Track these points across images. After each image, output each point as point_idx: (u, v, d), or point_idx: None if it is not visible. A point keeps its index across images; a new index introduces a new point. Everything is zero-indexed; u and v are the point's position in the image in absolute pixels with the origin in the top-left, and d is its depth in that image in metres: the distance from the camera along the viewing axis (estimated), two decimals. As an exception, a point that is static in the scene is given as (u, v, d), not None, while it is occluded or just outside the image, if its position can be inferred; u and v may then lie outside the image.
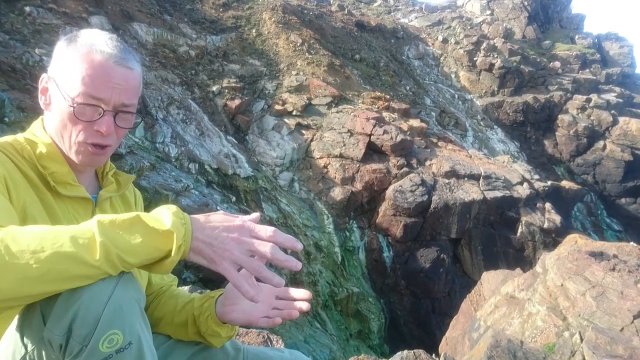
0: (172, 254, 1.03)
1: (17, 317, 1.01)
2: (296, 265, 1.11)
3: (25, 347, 0.97)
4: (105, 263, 0.96)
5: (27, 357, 0.97)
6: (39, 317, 0.96)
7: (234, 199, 13.03)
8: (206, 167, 13.26)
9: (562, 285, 5.25)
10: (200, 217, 1.12)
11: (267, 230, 1.12)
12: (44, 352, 0.95)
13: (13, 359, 0.98)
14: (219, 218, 1.13)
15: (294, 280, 12.80)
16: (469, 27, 30.05)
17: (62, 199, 1.32)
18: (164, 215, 1.06)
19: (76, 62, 1.28)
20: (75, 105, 1.26)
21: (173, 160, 12.55)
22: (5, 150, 1.26)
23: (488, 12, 31.69)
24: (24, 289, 0.91)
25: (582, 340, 4.14)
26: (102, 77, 1.27)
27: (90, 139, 1.30)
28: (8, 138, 1.32)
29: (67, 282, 0.94)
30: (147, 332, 1.03)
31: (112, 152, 1.40)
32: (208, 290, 1.76)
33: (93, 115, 1.28)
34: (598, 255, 5.59)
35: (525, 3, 30.84)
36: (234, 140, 15.22)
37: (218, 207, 11.53)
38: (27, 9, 12.53)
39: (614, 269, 5.20)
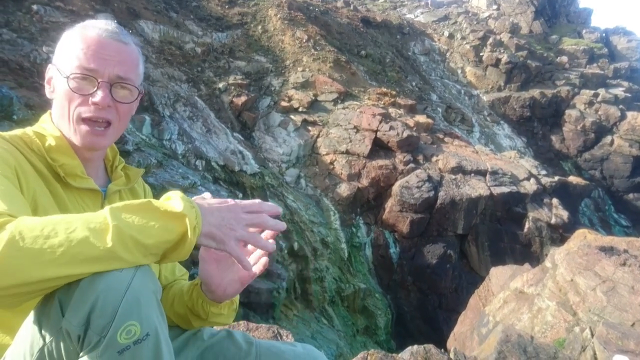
0: (189, 235, 1.04)
1: (35, 308, 1.02)
2: (282, 225, 1.22)
3: (44, 338, 0.98)
4: (119, 246, 0.97)
5: (45, 349, 0.97)
6: (57, 308, 0.96)
7: (240, 195, 13.04)
8: (213, 164, 13.29)
9: (572, 280, 5.22)
10: (200, 200, 1.16)
11: (254, 204, 1.21)
12: (62, 344, 0.96)
13: (31, 351, 0.98)
14: (215, 201, 1.18)
15: (301, 275, 12.82)
16: (475, 23, 29.88)
17: (71, 191, 1.33)
18: (174, 200, 1.09)
19: (72, 41, 1.33)
20: (70, 78, 1.29)
21: (180, 157, 12.58)
22: (14, 143, 1.28)
23: (494, 7, 31.49)
24: (39, 273, 0.92)
25: (592, 335, 4.11)
26: (94, 48, 1.30)
27: (87, 113, 1.31)
28: (17, 131, 1.34)
29: (81, 266, 0.95)
30: (163, 323, 1.04)
31: (116, 134, 1.39)
32: None
33: (88, 88, 1.30)
34: (608, 250, 5.55)
35: (532, -3, 30.62)
36: (240, 137, 15.23)
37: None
38: (35, 7, 12.58)
39: (624, 264, 5.16)
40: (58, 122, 1.36)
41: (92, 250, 0.95)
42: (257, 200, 1.23)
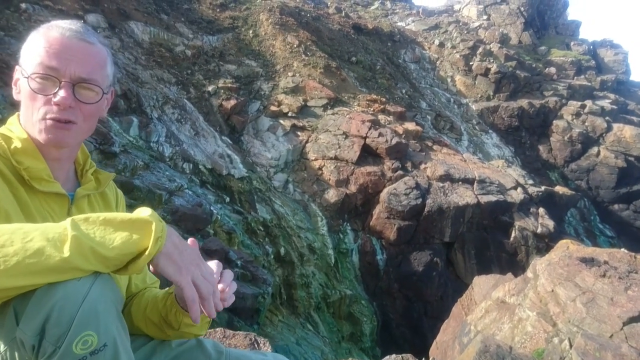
0: (149, 246, 1.02)
1: None
2: (212, 312, 1.17)
3: None
4: (78, 257, 0.95)
5: (0, 358, 0.95)
6: (12, 317, 0.94)
7: (227, 199, 13.00)
8: (200, 167, 13.23)
9: (552, 290, 5.24)
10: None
11: (212, 262, 1.24)
12: (16, 353, 0.94)
13: None
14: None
15: (287, 281, 12.79)
16: (465, 32, 30.13)
17: (36, 195, 1.30)
18: (142, 210, 1.08)
19: (35, 41, 1.29)
20: (31, 78, 1.26)
21: (167, 159, 12.51)
22: None
23: (485, 17, 31.79)
24: None
25: (571, 346, 4.12)
26: (56, 48, 1.27)
27: (49, 114, 1.27)
28: None
29: (37, 277, 0.93)
30: (123, 334, 1.02)
31: (81, 135, 1.36)
32: None
33: (51, 88, 1.27)
34: (589, 261, 5.59)
35: (522, 9, 30.96)
36: (228, 140, 15.19)
37: (211, 207, 11.50)
38: (23, 5, 12.48)
39: (604, 275, 5.19)
40: (25, 124, 1.33)
41: (48, 261, 0.93)
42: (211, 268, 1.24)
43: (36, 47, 1.28)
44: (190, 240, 1.27)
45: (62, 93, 1.26)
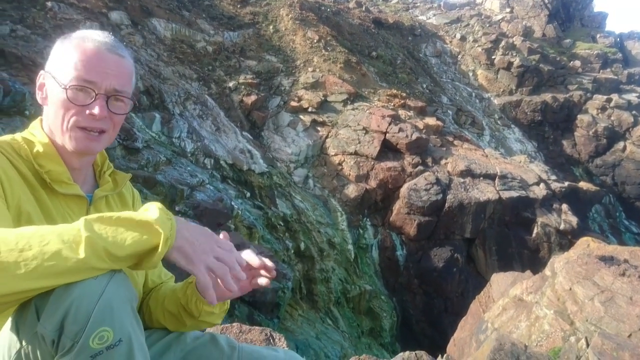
0: (160, 246, 1.07)
1: (13, 312, 1.06)
2: (233, 287, 1.19)
3: (20, 341, 1.02)
4: (93, 257, 1.01)
5: (22, 352, 1.02)
6: (34, 313, 1.01)
7: (248, 194, 13.12)
8: (221, 162, 13.37)
9: (570, 289, 5.19)
10: (180, 218, 1.19)
11: (226, 242, 1.25)
12: (37, 347, 1.01)
13: (9, 353, 1.03)
14: (193, 224, 1.22)
15: (306, 275, 12.87)
16: (487, 25, 29.72)
17: (57, 197, 1.36)
18: (151, 210, 1.12)
19: (69, 52, 1.36)
20: (68, 89, 1.32)
21: (189, 155, 12.67)
22: (1, 149, 1.31)
23: (507, 9, 31.29)
24: (14, 286, 0.96)
25: (588, 345, 4.09)
26: (93, 61, 1.34)
27: (83, 123, 1.35)
28: (6, 137, 1.37)
29: (56, 278, 0.98)
30: (138, 330, 1.08)
31: (109, 141, 1.44)
32: None
33: (86, 99, 1.34)
34: (608, 260, 5.51)
35: (546, 1, 30.37)
36: (249, 136, 15.31)
37: (232, 202, 11.62)
38: (49, 4, 12.73)
39: (623, 274, 5.12)
40: (50, 129, 1.40)
41: (65, 263, 0.98)
42: (230, 243, 1.27)
43: (71, 58, 1.35)
44: (222, 234, 1.33)
45: (98, 105, 1.34)
